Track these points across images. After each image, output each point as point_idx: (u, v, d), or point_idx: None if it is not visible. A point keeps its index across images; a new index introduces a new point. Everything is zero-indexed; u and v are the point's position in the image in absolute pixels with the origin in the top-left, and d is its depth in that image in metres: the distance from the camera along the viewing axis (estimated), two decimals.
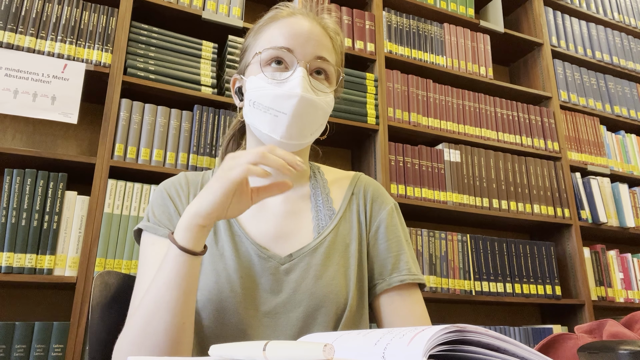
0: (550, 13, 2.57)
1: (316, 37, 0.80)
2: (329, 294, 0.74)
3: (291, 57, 0.78)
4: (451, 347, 0.36)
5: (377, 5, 2.12)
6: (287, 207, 0.83)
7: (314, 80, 0.79)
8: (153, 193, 0.83)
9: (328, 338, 0.47)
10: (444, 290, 1.88)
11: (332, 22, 0.87)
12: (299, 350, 0.38)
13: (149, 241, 0.77)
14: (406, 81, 2.09)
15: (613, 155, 2.51)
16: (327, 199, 0.85)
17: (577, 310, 2.15)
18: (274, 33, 0.80)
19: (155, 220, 0.79)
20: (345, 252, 0.80)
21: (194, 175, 0.86)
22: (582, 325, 0.67)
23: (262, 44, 0.80)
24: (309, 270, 0.76)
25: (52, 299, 1.59)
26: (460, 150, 2.09)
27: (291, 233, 0.80)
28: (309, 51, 0.79)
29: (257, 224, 0.81)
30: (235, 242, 0.78)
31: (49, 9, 1.59)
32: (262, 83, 0.77)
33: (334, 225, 0.82)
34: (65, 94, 1.53)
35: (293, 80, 0.76)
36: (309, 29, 0.80)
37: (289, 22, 0.81)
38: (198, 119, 1.70)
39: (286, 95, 0.75)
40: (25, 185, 1.43)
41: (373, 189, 0.89)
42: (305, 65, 0.77)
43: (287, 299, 0.74)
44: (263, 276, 0.75)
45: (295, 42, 0.78)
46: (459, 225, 2.25)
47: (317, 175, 0.89)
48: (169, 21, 1.80)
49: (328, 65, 0.81)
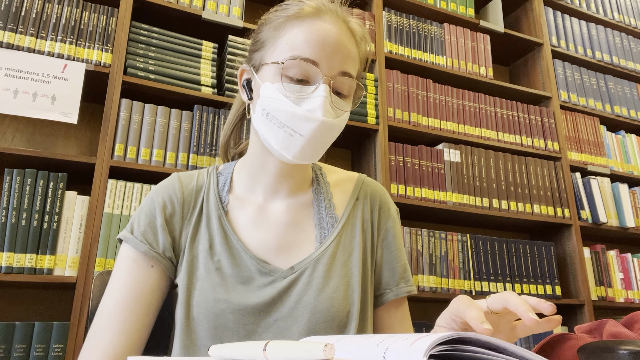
0: (550, 13, 2.57)
1: (344, 50, 0.74)
2: (331, 307, 0.72)
3: (315, 70, 0.71)
4: (451, 347, 0.36)
5: (377, 5, 2.12)
6: (289, 216, 0.79)
7: (335, 97, 0.73)
8: (145, 199, 0.80)
9: (329, 339, 0.47)
10: (444, 290, 1.88)
11: (359, 24, 0.81)
12: (299, 350, 0.38)
13: (131, 256, 0.74)
14: (406, 81, 2.09)
15: (613, 155, 2.51)
16: (329, 204, 0.82)
17: (577, 310, 2.15)
18: (297, 37, 0.73)
19: (139, 233, 0.75)
20: (348, 262, 0.77)
21: (187, 179, 0.81)
22: (582, 325, 0.67)
23: (283, 48, 0.73)
24: (311, 283, 0.73)
25: (52, 299, 1.59)
26: (460, 150, 2.09)
27: (293, 243, 0.77)
28: (335, 65, 0.72)
29: (257, 234, 0.77)
30: (233, 256, 0.74)
31: (49, 9, 1.59)
32: (280, 95, 0.71)
33: (337, 233, 0.79)
34: (65, 94, 1.53)
35: (315, 100, 0.70)
36: (337, 38, 0.73)
37: (316, 26, 0.73)
38: (198, 119, 1.70)
39: (306, 117, 0.70)
40: (25, 185, 1.43)
41: (380, 195, 0.86)
42: (328, 81, 0.71)
43: (288, 314, 0.72)
44: (263, 291, 0.72)
45: (321, 55, 0.72)
46: (459, 225, 2.25)
47: (320, 178, 0.85)
48: (169, 21, 1.80)
49: (351, 82, 0.75)
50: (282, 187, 0.80)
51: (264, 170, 0.80)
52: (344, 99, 0.75)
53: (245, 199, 0.81)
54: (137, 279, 0.73)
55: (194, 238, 0.76)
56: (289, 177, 0.80)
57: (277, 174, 0.79)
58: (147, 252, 0.73)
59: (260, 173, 0.80)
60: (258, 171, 0.80)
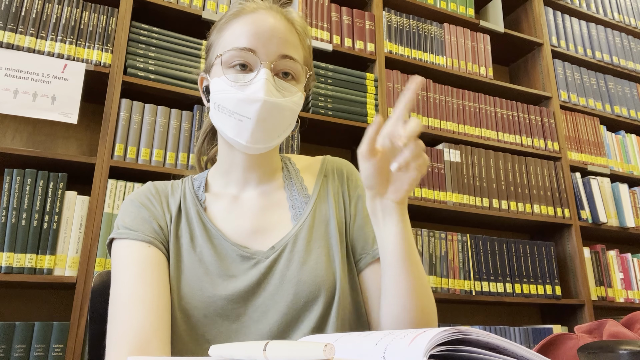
0: (550, 13, 2.57)
1: (280, 34, 0.77)
2: (315, 278, 0.74)
3: (254, 57, 0.75)
4: (451, 348, 0.36)
5: (377, 5, 2.12)
6: (263, 201, 0.82)
7: (280, 80, 0.76)
8: (121, 205, 0.81)
9: (328, 338, 0.47)
10: (444, 290, 1.88)
11: (299, 15, 0.84)
12: (299, 350, 0.38)
13: (123, 245, 0.74)
14: (406, 81, 2.09)
15: (613, 155, 2.51)
16: (301, 187, 0.85)
17: (577, 310, 2.15)
18: (235, 32, 0.77)
19: (127, 227, 0.76)
20: (325, 234, 0.80)
21: (161, 185, 0.85)
22: (582, 325, 0.67)
23: (224, 44, 0.78)
24: (293, 258, 0.76)
25: (52, 299, 1.59)
26: (460, 150, 2.09)
27: (269, 226, 0.80)
28: (272, 50, 0.75)
29: (233, 221, 0.79)
30: (214, 245, 0.76)
31: (49, 9, 1.59)
32: (225, 86, 0.75)
33: (310, 208, 0.82)
34: (65, 94, 1.53)
35: (256, 83, 0.74)
36: (272, 25, 0.77)
37: (251, 18, 0.77)
38: (198, 119, 1.70)
39: (249, 99, 0.73)
40: (25, 185, 1.43)
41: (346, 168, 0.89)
42: (269, 65, 0.74)
43: (274, 291, 0.73)
44: (248, 274, 0.74)
45: (257, 42, 0.75)
46: (459, 225, 2.25)
47: (289, 166, 0.89)
48: (169, 21, 1.80)
49: (294, 64, 0.78)
50: (251, 178, 0.83)
51: (233, 165, 0.83)
52: (291, 82, 0.78)
53: (220, 194, 0.84)
54: (142, 256, 0.73)
55: (176, 234, 0.78)
56: (257, 167, 0.83)
57: (245, 166, 0.82)
58: (141, 237, 0.74)
59: (230, 169, 0.83)
60: (229, 168, 0.84)
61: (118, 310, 0.69)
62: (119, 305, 0.69)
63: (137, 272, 0.71)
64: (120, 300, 0.69)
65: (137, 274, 0.71)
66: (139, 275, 0.71)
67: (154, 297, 0.69)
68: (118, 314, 0.69)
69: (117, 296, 0.70)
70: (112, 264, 0.75)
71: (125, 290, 0.70)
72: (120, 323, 0.68)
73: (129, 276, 0.71)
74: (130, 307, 0.68)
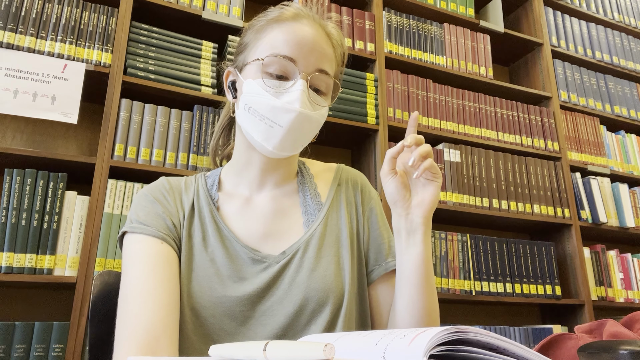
0: (550, 13, 2.57)
1: (320, 48, 0.79)
2: (324, 285, 0.75)
3: (293, 67, 0.77)
4: (451, 348, 0.36)
5: (377, 5, 2.12)
6: (275, 205, 0.83)
7: (313, 93, 0.78)
8: (135, 197, 0.82)
9: (328, 338, 0.47)
10: (444, 291, 1.88)
11: (336, 28, 0.86)
12: (299, 350, 0.38)
13: (136, 239, 0.75)
14: (406, 81, 2.09)
15: (613, 155, 2.51)
16: (315, 193, 0.86)
17: (577, 310, 2.15)
18: (277, 38, 0.78)
19: (140, 222, 0.76)
20: (337, 242, 0.81)
21: (175, 180, 0.85)
22: (582, 325, 0.67)
23: (264, 48, 0.79)
24: (303, 264, 0.77)
25: (52, 299, 1.59)
26: (460, 150, 2.09)
27: (281, 230, 0.81)
28: (312, 62, 0.77)
29: (245, 224, 0.80)
30: (226, 246, 0.77)
31: (49, 9, 1.59)
32: (260, 90, 0.76)
33: (323, 215, 0.83)
34: (65, 94, 1.53)
35: (293, 93, 0.75)
36: (313, 38, 0.79)
37: (294, 28, 0.79)
38: (198, 119, 1.70)
39: (284, 108, 0.74)
40: (25, 185, 1.43)
41: (360, 179, 0.91)
42: (306, 77, 0.76)
43: (283, 295, 0.74)
44: (258, 277, 0.75)
45: (299, 53, 0.77)
46: (459, 225, 2.25)
47: (304, 171, 0.90)
48: (169, 21, 1.80)
49: (328, 79, 0.80)
50: (267, 181, 0.84)
51: (250, 165, 0.83)
52: (322, 96, 0.80)
53: (233, 193, 0.84)
54: (154, 252, 0.73)
55: (189, 232, 0.78)
56: (273, 170, 0.84)
57: (262, 168, 0.83)
58: (154, 233, 0.74)
59: (245, 169, 0.84)
60: (244, 167, 0.84)
61: (128, 304, 0.69)
62: (130, 300, 0.69)
63: (149, 267, 0.71)
64: (131, 295, 0.70)
65: (149, 269, 0.71)
66: (150, 270, 0.71)
67: (165, 294, 0.70)
68: (128, 307, 0.69)
69: (128, 290, 0.71)
70: (123, 257, 0.75)
71: (136, 284, 0.70)
72: (130, 318, 0.68)
73: (141, 271, 0.71)
74: (141, 303, 0.68)
